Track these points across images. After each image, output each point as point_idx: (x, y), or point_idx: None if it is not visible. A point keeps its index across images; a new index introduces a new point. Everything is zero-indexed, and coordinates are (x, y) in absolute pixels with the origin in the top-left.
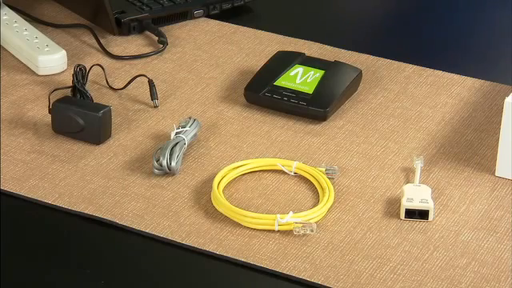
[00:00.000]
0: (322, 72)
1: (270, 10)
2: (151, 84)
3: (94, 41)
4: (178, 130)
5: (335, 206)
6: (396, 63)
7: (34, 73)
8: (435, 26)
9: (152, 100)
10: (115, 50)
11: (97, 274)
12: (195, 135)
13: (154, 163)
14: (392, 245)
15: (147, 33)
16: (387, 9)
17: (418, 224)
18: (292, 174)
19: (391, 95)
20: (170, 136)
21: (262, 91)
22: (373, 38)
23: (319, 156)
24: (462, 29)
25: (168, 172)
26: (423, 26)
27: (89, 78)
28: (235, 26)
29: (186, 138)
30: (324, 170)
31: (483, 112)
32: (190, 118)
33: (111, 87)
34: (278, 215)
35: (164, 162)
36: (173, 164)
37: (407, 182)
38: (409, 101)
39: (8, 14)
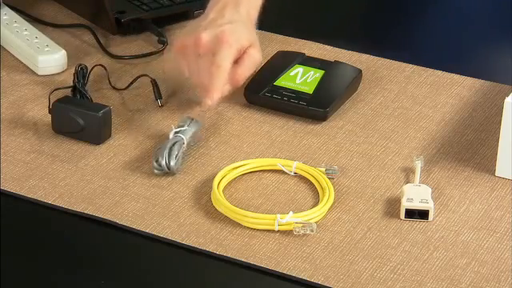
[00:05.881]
0: (322, 72)
1: (270, 10)
2: (154, 84)
3: (94, 41)
4: (177, 130)
5: (335, 206)
6: (396, 63)
7: (34, 73)
8: (436, 25)
9: (156, 100)
10: (115, 49)
11: (97, 274)
12: (195, 134)
13: (153, 163)
14: (392, 245)
15: (147, 33)
16: (387, 9)
17: (418, 224)
18: (292, 174)
19: (391, 95)
20: (169, 136)
21: (261, 91)
22: (373, 38)
23: (319, 156)
24: (462, 29)
25: (167, 171)
26: (423, 26)
27: (90, 78)
28: None
29: (185, 137)
30: (324, 170)
31: (483, 112)
32: (188, 118)
33: (114, 87)
34: (278, 215)
35: (163, 162)
36: (172, 163)
37: (407, 182)
38: (409, 101)
39: (8, 14)
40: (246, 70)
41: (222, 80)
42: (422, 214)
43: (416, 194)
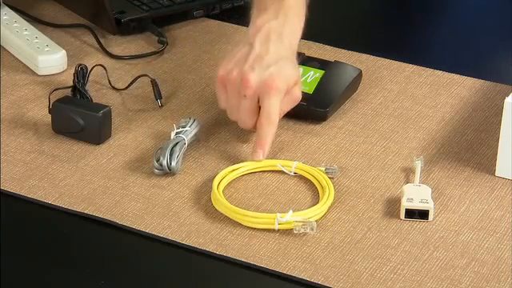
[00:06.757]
0: (322, 72)
1: None
2: (154, 84)
3: (94, 41)
4: (178, 130)
5: (335, 206)
6: (396, 63)
7: (34, 73)
8: (435, 25)
9: (156, 100)
10: (115, 50)
11: (97, 274)
12: (195, 135)
13: (153, 163)
14: (392, 245)
15: (147, 33)
16: (387, 9)
17: (418, 224)
18: (292, 174)
19: (391, 95)
20: (170, 136)
21: None
22: (373, 38)
23: (319, 156)
24: (462, 29)
25: (168, 172)
26: (423, 26)
27: (90, 78)
28: (235, 25)
29: (186, 137)
30: (324, 169)
31: (483, 112)
32: (189, 118)
33: (114, 87)
34: (278, 214)
35: (164, 162)
36: (173, 164)
37: (407, 182)
38: (409, 101)
39: (8, 14)
40: (286, 108)
41: (273, 133)
42: (422, 214)
43: (416, 194)
